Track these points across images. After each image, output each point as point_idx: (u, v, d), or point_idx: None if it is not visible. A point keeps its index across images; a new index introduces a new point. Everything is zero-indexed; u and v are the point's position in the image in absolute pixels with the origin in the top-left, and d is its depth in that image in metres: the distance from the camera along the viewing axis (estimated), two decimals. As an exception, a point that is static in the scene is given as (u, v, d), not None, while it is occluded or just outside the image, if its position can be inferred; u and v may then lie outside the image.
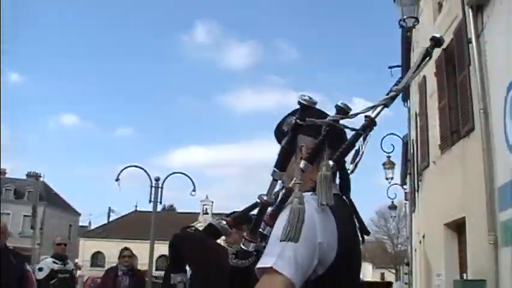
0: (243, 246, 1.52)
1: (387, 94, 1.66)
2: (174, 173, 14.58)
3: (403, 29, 8.30)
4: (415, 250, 14.76)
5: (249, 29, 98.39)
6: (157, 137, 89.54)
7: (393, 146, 17.04)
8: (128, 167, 14.48)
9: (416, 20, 7.34)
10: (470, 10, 6.79)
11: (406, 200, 20.06)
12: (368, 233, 1.72)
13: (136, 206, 56.84)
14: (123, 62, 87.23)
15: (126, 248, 7.41)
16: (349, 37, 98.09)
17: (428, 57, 1.71)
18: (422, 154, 10.11)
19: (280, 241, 1.38)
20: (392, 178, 18.22)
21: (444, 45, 8.36)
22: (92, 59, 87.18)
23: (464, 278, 7.23)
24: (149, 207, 15.34)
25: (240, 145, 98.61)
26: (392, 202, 21.95)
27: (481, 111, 6.54)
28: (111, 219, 57.47)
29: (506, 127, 5.84)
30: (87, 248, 52.26)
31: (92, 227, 56.84)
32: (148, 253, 14.25)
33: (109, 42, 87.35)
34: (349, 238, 1.59)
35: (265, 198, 1.53)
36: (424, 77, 9.72)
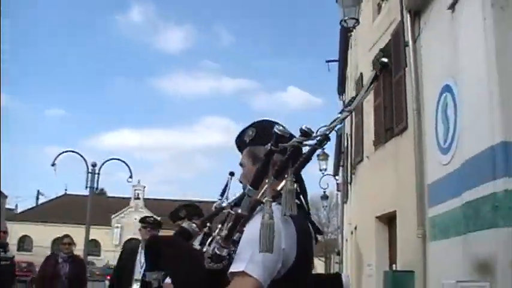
0: (217, 251, 1.66)
1: (340, 112, 1.84)
2: (112, 159, 14.36)
3: (343, 28, 8.56)
4: (346, 240, 15.30)
5: (186, 13, 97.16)
6: (89, 119, 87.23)
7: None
8: (65, 152, 14.14)
9: (357, 21, 7.60)
10: (408, 15, 7.11)
11: (338, 190, 20.67)
12: (321, 233, 1.94)
13: (66, 190, 55.55)
14: (55, 41, 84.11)
15: (66, 235, 7.40)
16: (287, 27, 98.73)
17: (376, 80, 1.92)
18: (356, 149, 10.50)
19: (259, 252, 1.56)
20: (325, 169, 18.75)
21: (382, 46, 8.73)
22: (23, 37, 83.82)
23: (394, 269, 7.61)
24: (80, 191, 15.14)
25: (173, 130, 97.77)
26: (324, 192, 22.50)
27: (415, 111, 6.88)
28: (39, 202, 55.99)
29: (437, 128, 6.19)
30: (14, 231, 50.53)
31: (19, 210, 55.03)
32: (78, 237, 14.07)
33: (41, 21, 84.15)
34: (306, 240, 1.81)
35: (239, 211, 1.71)
36: (361, 74, 10.07)
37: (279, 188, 1.76)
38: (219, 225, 1.93)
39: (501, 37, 4.79)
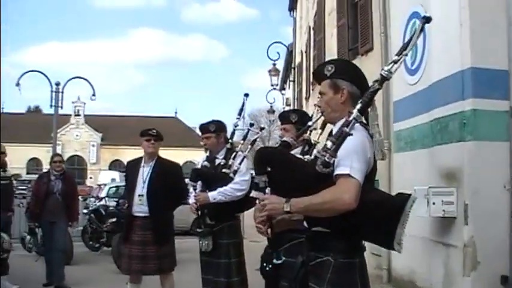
0: (326, 159, 2.23)
1: (397, 55, 2.41)
2: (75, 77, 14.23)
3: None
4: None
5: None
6: (12, 32, 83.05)
7: (279, 54, 17.90)
8: (29, 71, 13.92)
9: None
10: None
11: (287, 105, 21.31)
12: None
13: (3, 108, 53.92)
14: None
15: (56, 154, 7.71)
16: None
17: (422, 31, 2.47)
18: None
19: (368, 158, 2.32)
20: (277, 85, 19.20)
21: (346, -32, 9.08)
22: None
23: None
24: (15, 109, 14.92)
25: (102, 42, 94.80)
26: (271, 107, 23.09)
27: (382, 34, 7.42)
28: (-28, 122, 54.10)
29: (404, 51, 6.76)
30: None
31: (-47, 131, 53.08)
32: (17, 156, 14.18)
33: None
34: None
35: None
36: (323, -6, 10.42)
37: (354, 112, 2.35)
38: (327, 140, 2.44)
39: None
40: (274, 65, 18.46)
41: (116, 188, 16.35)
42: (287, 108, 26.60)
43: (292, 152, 3.20)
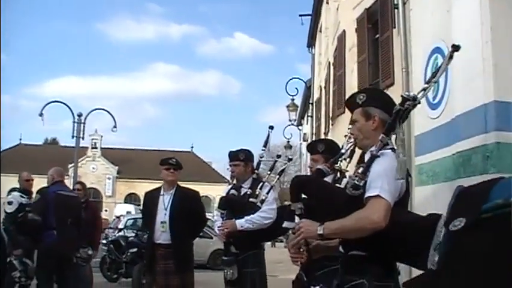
0: (356, 182, 2.33)
1: (427, 83, 2.53)
2: (97, 108, 14.50)
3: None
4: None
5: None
6: (31, 65, 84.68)
7: (297, 90, 18.14)
8: (53, 102, 14.22)
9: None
10: (396, -25, 7.64)
11: (304, 140, 21.41)
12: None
13: (20, 139, 54.73)
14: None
15: (78, 182, 7.85)
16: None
17: (451, 59, 2.58)
18: (338, 101, 11.12)
19: (396, 179, 2.34)
20: (295, 120, 19.35)
21: (367, 5, 9.27)
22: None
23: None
24: (34, 141, 15.08)
25: (119, 77, 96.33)
26: (288, 142, 23.22)
27: (403, 69, 7.52)
28: (-9, 153, 54.90)
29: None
30: (-33, 183, 49.69)
31: (-28, 162, 53.86)
32: (35, 188, 14.27)
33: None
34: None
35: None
36: (344, 31, 10.60)
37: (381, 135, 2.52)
38: (355, 166, 2.56)
39: (496, 1, 5.41)
40: (292, 100, 18.70)
41: (134, 220, 16.46)
42: (300, 143, 26.81)
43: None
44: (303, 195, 2.70)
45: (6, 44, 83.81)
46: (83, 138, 14.18)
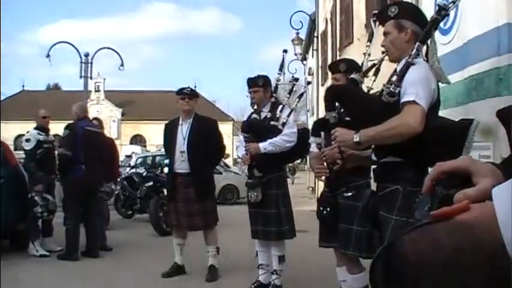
0: (392, 89, 2.37)
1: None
2: (104, 47, 14.32)
3: None
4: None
5: None
6: (24, 12, 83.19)
7: (301, 23, 17.85)
8: (59, 42, 14.08)
9: None
10: None
11: (309, 74, 21.29)
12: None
13: (23, 86, 54.65)
14: None
15: (95, 118, 7.99)
16: None
17: None
18: (346, 31, 11.01)
19: (441, 83, 2.53)
20: (301, 54, 19.16)
21: None
22: None
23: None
24: (37, 87, 15.00)
25: (114, 18, 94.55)
26: (293, 76, 22.99)
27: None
28: (-5, 99, 55.02)
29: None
30: (-26, 130, 49.95)
31: (-26, 109, 53.97)
32: None
33: None
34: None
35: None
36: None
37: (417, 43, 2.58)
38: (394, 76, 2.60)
39: None
40: (297, 34, 18.43)
41: (143, 158, 16.65)
42: (305, 77, 26.64)
43: None
44: (337, 104, 2.75)
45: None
46: (91, 78, 14.12)
